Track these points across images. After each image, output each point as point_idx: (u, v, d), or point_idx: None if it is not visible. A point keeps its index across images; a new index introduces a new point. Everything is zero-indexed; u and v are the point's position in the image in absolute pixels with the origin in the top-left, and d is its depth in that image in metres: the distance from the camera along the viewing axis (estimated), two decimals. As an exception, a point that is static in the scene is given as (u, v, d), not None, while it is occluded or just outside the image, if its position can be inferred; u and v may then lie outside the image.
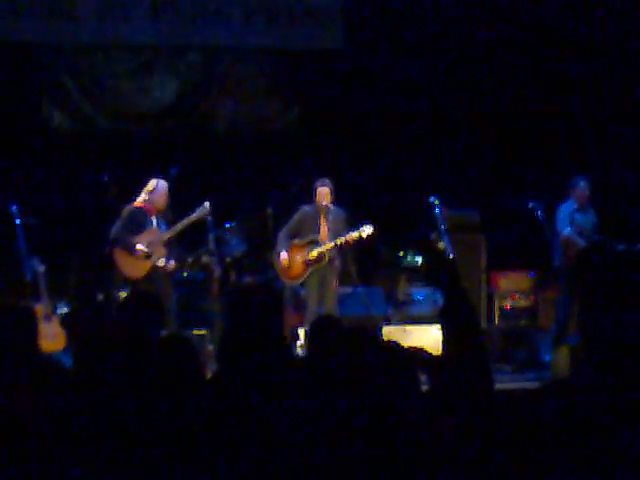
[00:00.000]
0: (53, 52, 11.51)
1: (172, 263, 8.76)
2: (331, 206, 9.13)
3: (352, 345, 3.23)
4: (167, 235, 8.78)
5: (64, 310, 9.58)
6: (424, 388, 3.11)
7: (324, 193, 9.07)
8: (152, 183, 8.83)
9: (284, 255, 9.09)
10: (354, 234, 8.96)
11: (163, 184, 8.83)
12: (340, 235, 9.00)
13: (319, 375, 3.42)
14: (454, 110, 11.87)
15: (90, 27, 11.33)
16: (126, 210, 8.79)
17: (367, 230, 8.98)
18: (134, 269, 8.72)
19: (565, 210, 9.43)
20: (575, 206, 9.40)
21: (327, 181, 9.13)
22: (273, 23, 11.74)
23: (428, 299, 9.88)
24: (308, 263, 9.10)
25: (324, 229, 9.14)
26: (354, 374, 2.96)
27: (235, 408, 3.30)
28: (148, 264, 8.67)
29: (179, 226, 8.78)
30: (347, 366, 3.01)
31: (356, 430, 2.84)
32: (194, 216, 8.80)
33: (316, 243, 9.09)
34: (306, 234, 9.15)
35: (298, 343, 8.94)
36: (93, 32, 11.35)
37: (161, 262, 8.73)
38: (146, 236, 8.71)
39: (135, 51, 11.74)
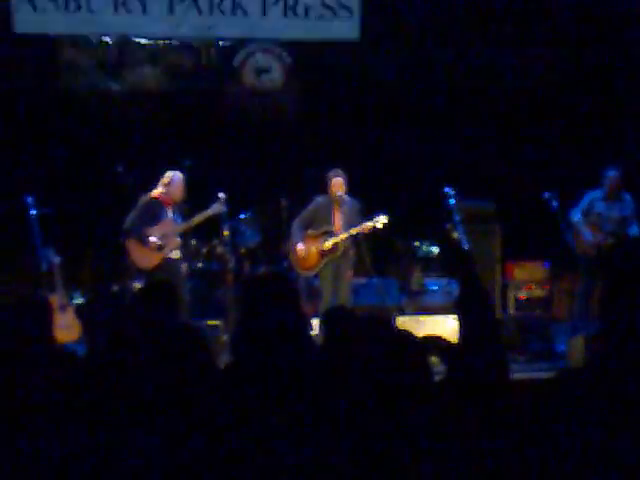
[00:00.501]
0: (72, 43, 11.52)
1: (184, 267, 8.86)
2: (345, 197, 9.13)
3: (365, 334, 3.23)
4: (182, 228, 8.81)
5: (79, 301, 9.60)
6: (439, 376, 3.10)
7: (338, 184, 9.07)
8: (169, 175, 8.86)
9: (301, 246, 9.11)
10: (369, 224, 8.96)
11: (180, 176, 8.86)
12: (354, 225, 9.00)
13: (332, 364, 3.42)
14: (470, 99, 11.83)
15: (106, 19, 11.33)
16: (142, 200, 8.82)
17: (381, 220, 8.98)
18: (146, 260, 8.75)
19: (587, 197, 9.43)
20: (600, 195, 9.39)
21: (340, 172, 9.13)
22: (290, 15, 11.73)
23: (442, 289, 9.87)
24: (323, 254, 9.11)
25: (338, 220, 9.15)
26: (367, 363, 2.96)
27: (249, 398, 3.30)
28: (160, 255, 8.70)
29: (194, 220, 8.81)
30: (360, 355, 3.01)
31: (369, 418, 2.85)
32: (210, 211, 8.84)
33: (330, 234, 9.10)
34: (320, 225, 9.17)
35: (312, 333, 8.95)
36: (109, 24, 11.36)
37: (175, 254, 8.76)
38: (160, 227, 8.74)
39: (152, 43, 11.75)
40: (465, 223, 9.35)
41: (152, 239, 8.66)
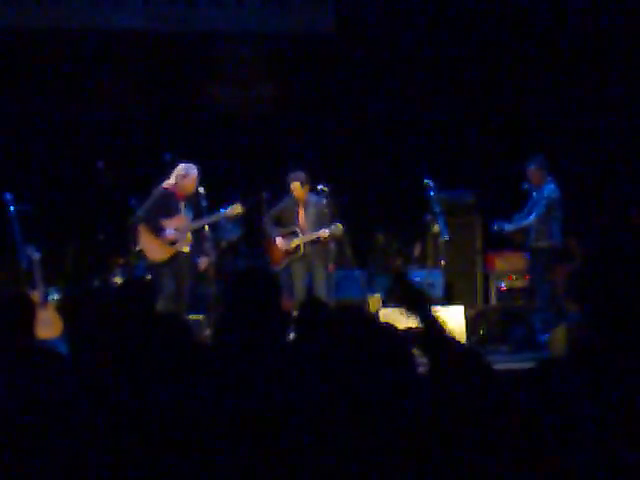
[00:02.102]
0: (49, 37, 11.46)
1: (204, 260, 8.90)
2: (309, 197, 9.26)
3: (344, 327, 3.23)
4: (195, 226, 8.82)
5: (58, 297, 9.56)
6: (422, 369, 3.10)
7: (295, 188, 9.23)
8: (182, 167, 8.84)
9: (280, 240, 9.23)
10: (325, 232, 9.07)
11: (194, 170, 8.84)
12: (320, 224, 9.12)
13: (309, 359, 3.43)
14: (447, 90, 11.85)
15: (82, 13, 11.28)
16: (157, 192, 8.82)
17: (336, 230, 9.07)
18: (157, 251, 8.79)
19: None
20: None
21: (300, 174, 9.26)
22: (266, 7, 11.72)
23: (424, 280, 9.88)
24: (287, 252, 9.25)
25: (302, 220, 9.30)
26: (347, 356, 2.96)
27: (229, 392, 3.30)
28: (171, 249, 8.73)
29: (208, 220, 8.84)
30: (339, 348, 3.01)
31: (353, 414, 2.85)
32: (225, 213, 8.90)
33: (294, 234, 9.24)
34: (286, 223, 9.37)
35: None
36: (85, 18, 11.31)
37: (185, 248, 8.79)
38: (175, 222, 8.76)
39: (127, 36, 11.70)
40: (445, 214, 9.39)
41: (168, 232, 8.69)
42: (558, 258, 9.44)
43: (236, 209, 8.91)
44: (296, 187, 9.23)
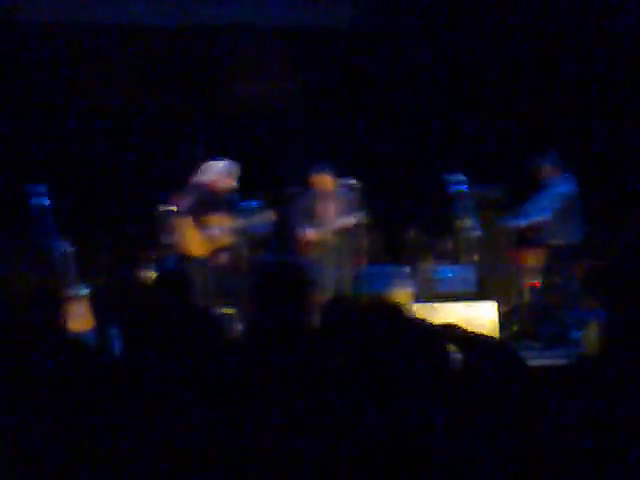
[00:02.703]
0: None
1: (223, 257, 8.95)
2: (334, 190, 9.20)
3: (376, 321, 3.21)
4: (237, 225, 8.84)
5: (90, 290, 9.60)
6: (455, 365, 3.08)
7: (320, 180, 9.21)
8: (224, 165, 8.90)
9: (310, 231, 9.18)
10: (349, 221, 9.03)
11: (232, 165, 8.86)
12: (341, 219, 9.07)
13: (338, 353, 3.41)
14: (473, 84, 11.79)
15: (89, 7, 11.31)
16: (199, 187, 8.86)
17: (361, 219, 9.04)
18: (197, 247, 8.78)
19: None
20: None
21: (325, 167, 9.20)
22: (283, 2, 11.72)
23: (456, 276, 9.83)
24: (313, 245, 9.19)
25: (326, 213, 9.29)
26: (379, 350, 2.94)
27: (259, 387, 3.29)
28: (210, 247, 8.75)
29: (249, 222, 8.86)
30: (371, 343, 2.99)
31: (384, 407, 2.83)
32: (262, 218, 8.95)
33: (321, 226, 9.17)
34: (312, 217, 9.34)
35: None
36: (93, 12, 11.34)
37: (222, 254, 8.87)
38: (217, 220, 8.79)
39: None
40: (477, 209, 9.34)
41: (212, 230, 8.69)
42: (575, 255, 9.32)
43: (271, 215, 8.92)
44: (324, 180, 9.17)
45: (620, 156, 11.32)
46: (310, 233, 9.25)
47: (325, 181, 9.21)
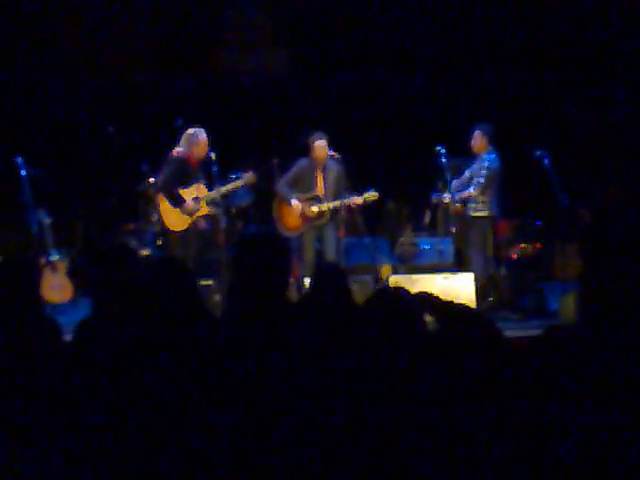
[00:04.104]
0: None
1: (202, 223, 8.93)
2: (329, 160, 9.16)
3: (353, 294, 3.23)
4: (212, 195, 8.80)
5: (69, 261, 9.59)
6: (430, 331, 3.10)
7: (320, 147, 9.09)
8: (192, 133, 8.78)
9: (296, 201, 9.12)
10: (358, 199, 9.00)
11: (203, 134, 8.79)
12: (340, 195, 9.03)
13: (323, 320, 3.43)
14: (459, 56, 11.77)
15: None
16: (172, 159, 8.78)
17: (371, 197, 9.02)
18: (175, 221, 8.76)
19: None
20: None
21: (323, 135, 9.13)
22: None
23: (434, 248, 9.87)
24: (308, 218, 9.14)
25: (321, 184, 9.18)
26: (362, 320, 2.96)
27: (239, 357, 3.30)
28: (189, 220, 8.72)
29: (223, 189, 8.80)
30: (351, 311, 3.01)
31: (360, 372, 2.85)
32: (240, 182, 8.91)
33: (317, 199, 9.14)
34: (303, 188, 9.20)
35: (304, 292, 8.97)
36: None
37: (200, 221, 8.82)
38: (192, 191, 8.74)
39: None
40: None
41: (188, 204, 8.68)
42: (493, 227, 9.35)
43: (250, 178, 8.89)
44: (321, 147, 9.10)
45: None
46: (296, 204, 9.13)
47: (324, 149, 9.06)
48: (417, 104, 11.73)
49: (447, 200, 9.23)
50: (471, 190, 9.13)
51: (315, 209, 9.12)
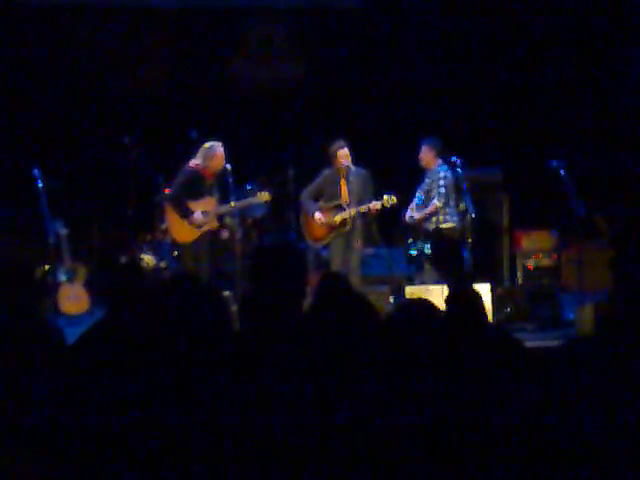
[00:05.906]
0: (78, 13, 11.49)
1: (225, 233, 9.00)
2: (351, 167, 9.12)
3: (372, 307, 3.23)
4: (223, 210, 8.82)
5: (85, 272, 9.63)
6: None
7: (343, 155, 9.06)
8: (209, 146, 8.79)
9: (319, 214, 9.12)
10: (377, 204, 8.97)
11: (220, 148, 8.79)
12: (364, 202, 9.00)
13: (328, 330, 3.43)
14: (475, 67, 11.77)
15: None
16: (185, 171, 8.81)
17: (390, 200, 9.00)
18: (183, 234, 8.80)
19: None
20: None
21: (344, 142, 9.12)
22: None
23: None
24: (332, 227, 9.13)
25: (345, 192, 9.15)
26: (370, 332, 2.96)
27: (253, 368, 3.31)
28: (197, 232, 8.74)
29: (238, 205, 8.83)
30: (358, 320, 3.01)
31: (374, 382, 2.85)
32: (254, 200, 8.94)
33: (340, 208, 9.12)
34: (328, 197, 9.18)
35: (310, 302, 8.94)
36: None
37: (224, 233, 8.90)
38: (203, 205, 8.76)
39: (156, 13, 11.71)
40: (472, 192, 9.33)
41: (196, 216, 8.71)
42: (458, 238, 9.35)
43: (264, 196, 8.90)
44: (345, 154, 9.07)
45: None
46: (318, 216, 9.13)
47: (346, 157, 9.04)
48: (434, 113, 11.72)
49: (420, 217, 9.29)
50: (435, 202, 9.18)
51: (338, 218, 9.10)
